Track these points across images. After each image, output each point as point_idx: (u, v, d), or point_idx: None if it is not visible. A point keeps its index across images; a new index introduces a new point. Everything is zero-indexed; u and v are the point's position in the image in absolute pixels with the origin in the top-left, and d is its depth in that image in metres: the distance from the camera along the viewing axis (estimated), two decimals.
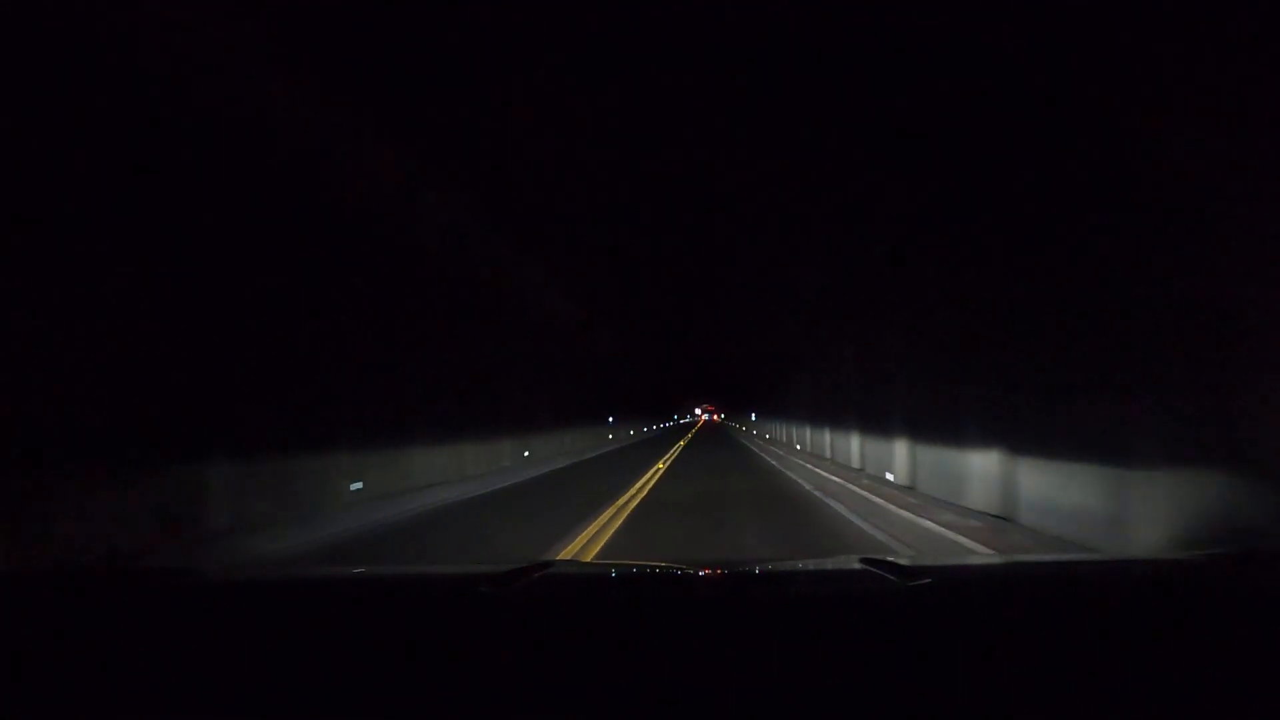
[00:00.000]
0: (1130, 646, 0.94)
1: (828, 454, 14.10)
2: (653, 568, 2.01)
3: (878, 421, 9.87)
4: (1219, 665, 0.86)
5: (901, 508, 6.87)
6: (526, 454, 13.44)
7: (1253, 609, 1.06)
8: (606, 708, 0.80)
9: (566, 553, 5.31)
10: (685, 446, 22.72)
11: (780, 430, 25.23)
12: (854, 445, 11.65)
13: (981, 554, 4.68)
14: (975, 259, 6.05)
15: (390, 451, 8.42)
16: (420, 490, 8.93)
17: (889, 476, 9.19)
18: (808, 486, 9.89)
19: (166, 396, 4.84)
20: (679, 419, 56.62)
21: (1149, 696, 0.80)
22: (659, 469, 13.26)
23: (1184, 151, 3.39)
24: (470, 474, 10.82)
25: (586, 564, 3.94)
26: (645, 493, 9.36)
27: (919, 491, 7.93)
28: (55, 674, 0.91)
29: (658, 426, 41.68)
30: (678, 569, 1.73)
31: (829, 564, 2.12)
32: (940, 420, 7.08)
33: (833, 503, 8.05)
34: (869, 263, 9.13)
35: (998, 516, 5.74)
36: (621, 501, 8.38)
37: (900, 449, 8.71)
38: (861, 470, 11.02)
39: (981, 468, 6.08)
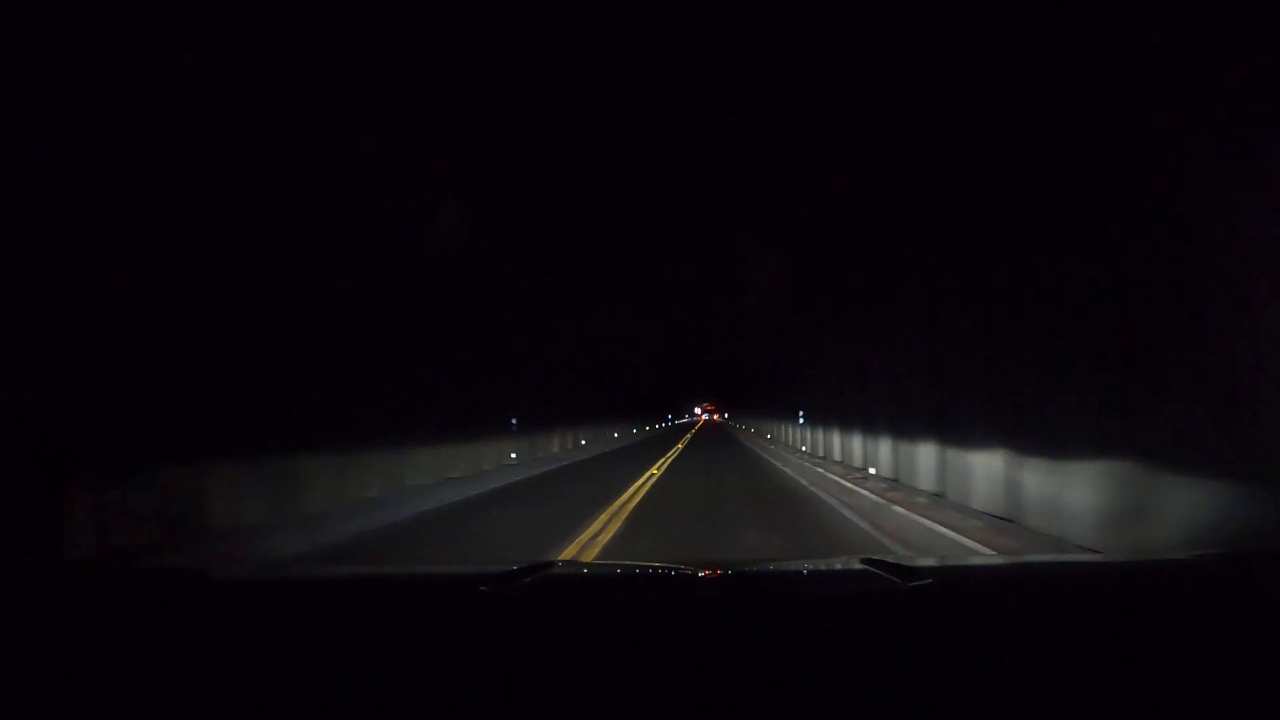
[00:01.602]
0: (1131, 647, 0.94)
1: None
2: (654, 568, 2.01)
3: None
4: (1219, 665, 0.86)
5: None
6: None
7: (1253, 609, 1.06)
8: (607, 708, 0.80)
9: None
10: (651, 491, 9.94)
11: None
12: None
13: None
14: (981, 260, 6.04)
15: None
16: None
17: None
18: None
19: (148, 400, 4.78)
20: (673, 419, 48.52)
21: (1150, 697, 0.80)
22: None
23: (1190, 151, 3.39)
24: None
25: (587, 564, 3.94)
26: None
27: None
28: (56, 674, 0.91)
29: (641, 430, 30.40)
30: (679, 569, 1.73)
31: (831, 564, 2.12)
32: None
33: None
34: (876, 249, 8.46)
35: None
36: None
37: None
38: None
39: None
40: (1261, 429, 3.13)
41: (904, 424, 8.65)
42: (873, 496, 7.99)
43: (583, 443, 18.70)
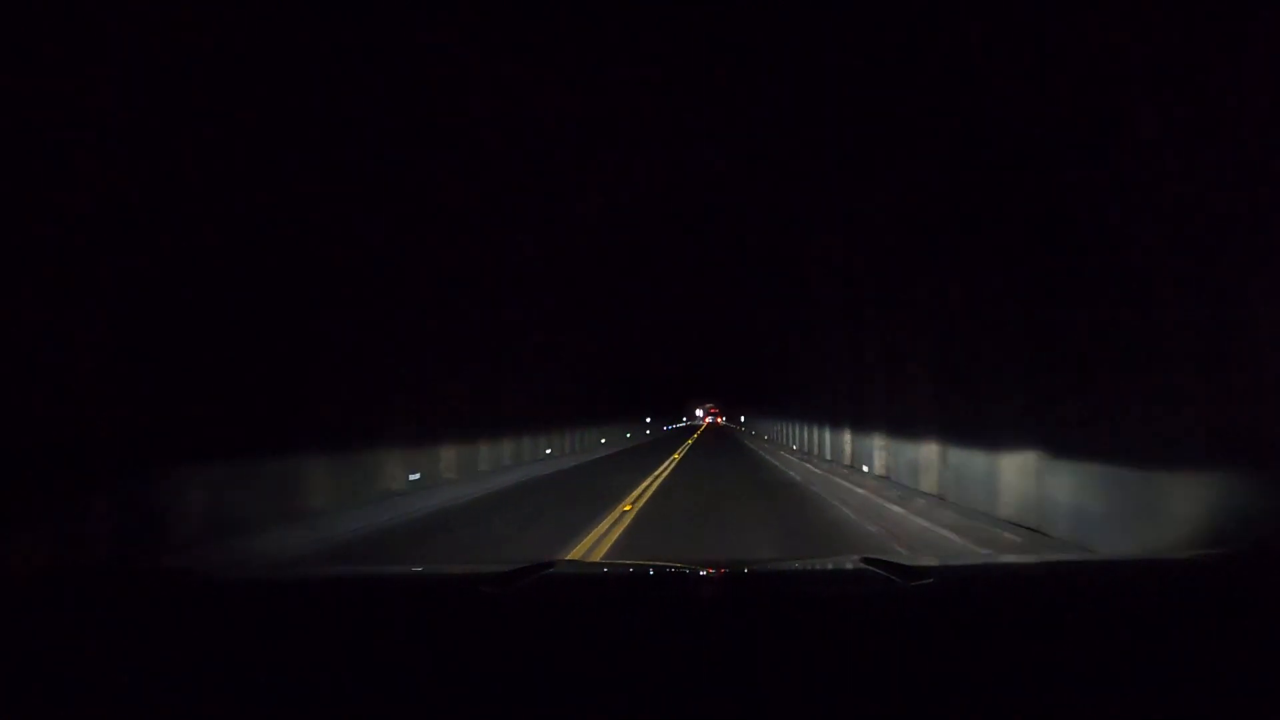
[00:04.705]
0: (1131, 646, 0.94)
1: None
2: (655, 567, 2.02)
3: None
4: (1220, 665, 0.86)
5: None
6: None
7: (1253, 609, 1.06)
8: (608, 707, 0.80)
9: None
10: None
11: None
12: None
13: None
14: (984, 259, 6.01)
15: None
16: None
17: None
18: None
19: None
20: (657, 425, 36.39)
21: (1150, 696, 0.80)
22: None
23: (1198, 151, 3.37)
24: None
25: (589, 564, 3.94)
26: None
27: None
28: (55, 674, 0.91)
29: (596, 443, 20.54)
30: (679, 569, 1.73)
31: (831, 564, 2.12)
32: None
33: None
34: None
35: None
36: None
37: None
38: None
39: None
40: None
41: None
42: None
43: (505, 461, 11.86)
